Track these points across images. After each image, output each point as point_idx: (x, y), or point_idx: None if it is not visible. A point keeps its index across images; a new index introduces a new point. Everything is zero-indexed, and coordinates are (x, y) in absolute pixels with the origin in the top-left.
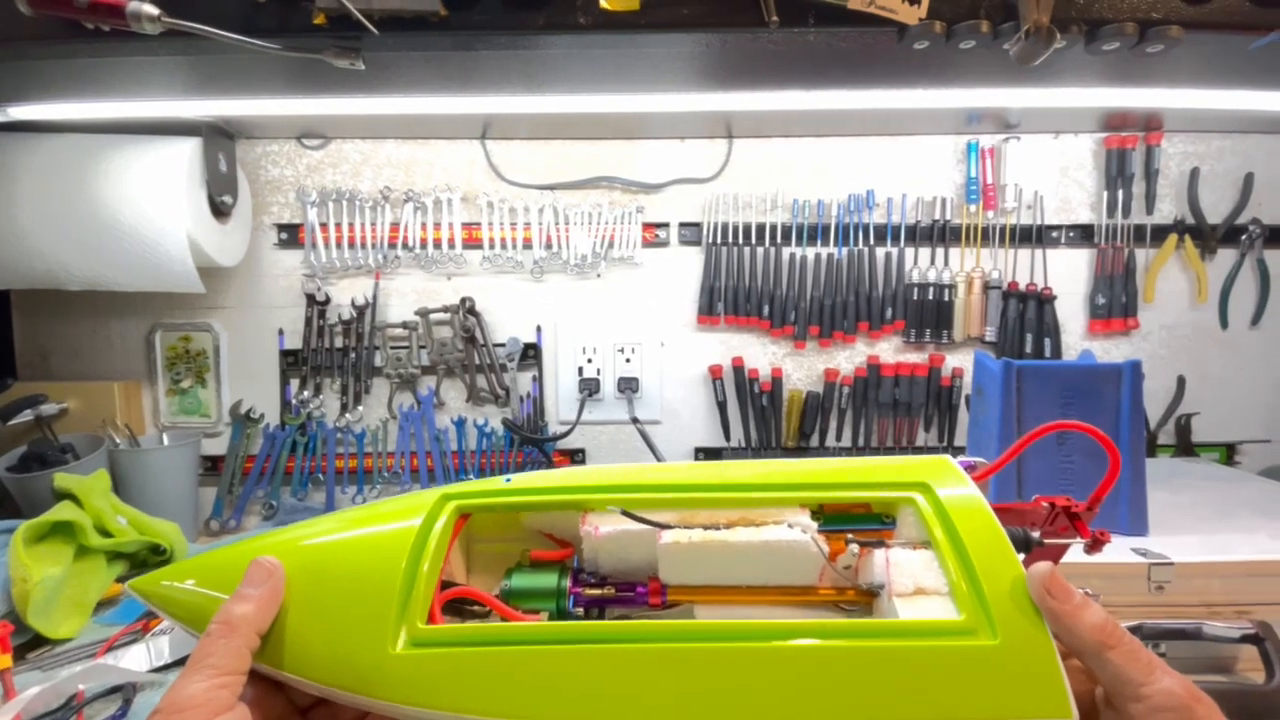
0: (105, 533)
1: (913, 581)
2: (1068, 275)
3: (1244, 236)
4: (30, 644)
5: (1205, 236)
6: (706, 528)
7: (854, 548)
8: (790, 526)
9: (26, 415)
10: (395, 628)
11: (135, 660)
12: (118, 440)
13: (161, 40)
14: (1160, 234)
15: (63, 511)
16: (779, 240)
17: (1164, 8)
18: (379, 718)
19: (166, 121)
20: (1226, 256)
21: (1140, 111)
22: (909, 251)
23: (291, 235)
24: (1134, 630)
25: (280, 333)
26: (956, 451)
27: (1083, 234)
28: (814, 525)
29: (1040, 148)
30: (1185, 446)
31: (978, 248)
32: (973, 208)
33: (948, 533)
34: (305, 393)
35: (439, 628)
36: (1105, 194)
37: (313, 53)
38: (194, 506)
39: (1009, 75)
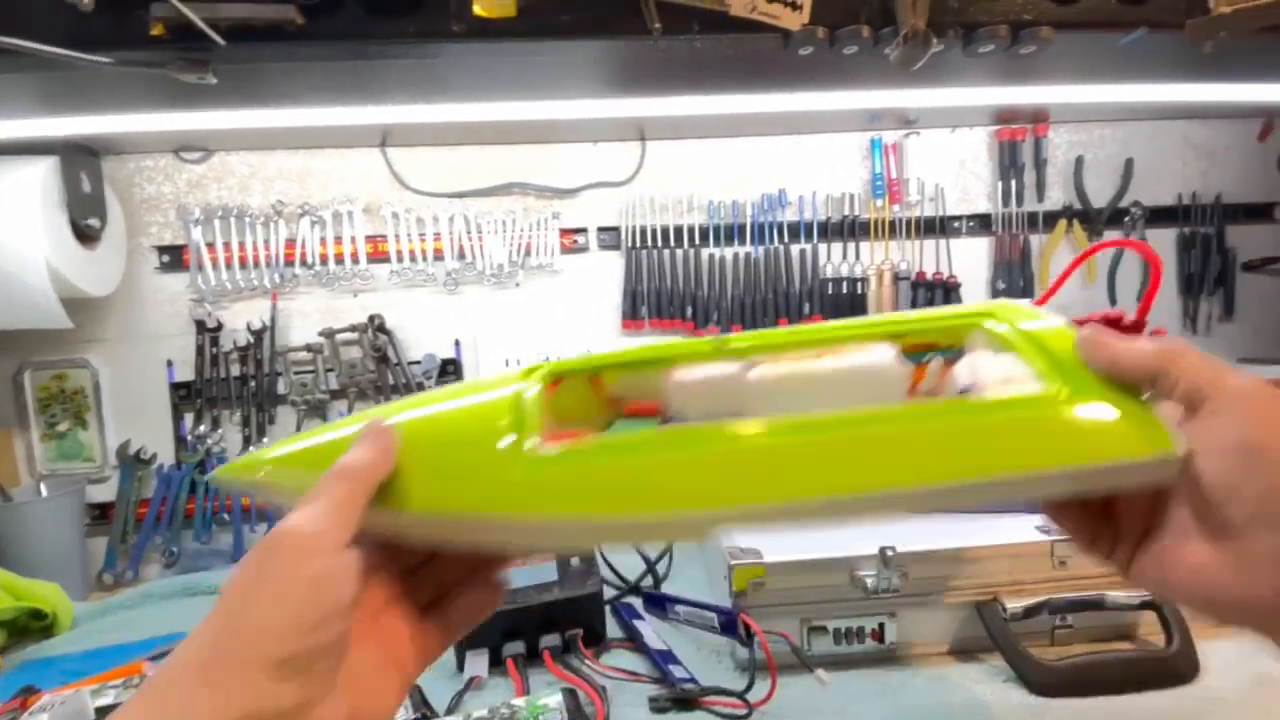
0: None
1: (1000, 376)
2: (970, 263)
3: (1126, 219)
4: None
5: (1091, 220)
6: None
7: (934, 364)
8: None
9: None
10: (516, 444)
11: None
12: None
13: None
14: (1051, 220)
15: None
16: (697, 241)
17: (1034, 9)
18: (488, 567)
19: (13, 141)
20: (1111, 238)
21: (1027, 106)
22: (822, 247)
23: (175, 257)
24: (1040, 606)
25: (169, 364)
26: None
27: (981, 223)
28: (895, 348)
29: (939, 142)
30: None
31: (886, 240)
32: (879, 202)
33: (1023, 337)
34: (202, 427)
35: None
36: (1000, 184)
37: (154, 67)
38: (82, 560)
39: (898, 77)
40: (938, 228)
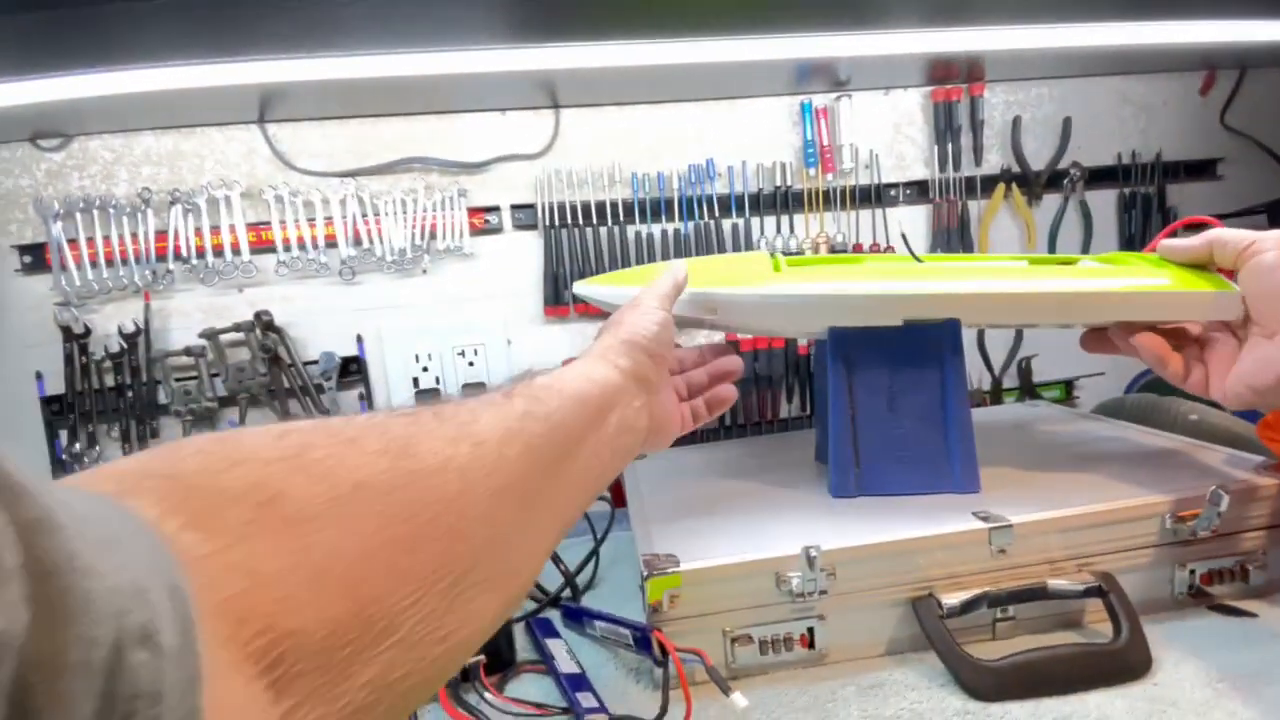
0: None
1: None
2: (908, 232)
3: (1066, 180)
4: None
5: (1030, 184)
6: None
7: None
8: None
9: None
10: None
11: None
12: None
13: None
14: (989, 184)
15: None
16: (622, 218)
17: None
18: (724, 377)
19: None
20: (1051, 201)
21: (962, 60)
22: (755, 221)
23: (36, 257)
24: (979, 599)
25: (39, 376)
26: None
27: (919, 190)
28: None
29: (872, 105)
30: (1028, 388)
31: (820, 212)
32: (812, 171)
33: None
34: (78, 444)
35: None
36: (936, 149)
37: None
38: None
39: (822, 21)
40: (874, 196)
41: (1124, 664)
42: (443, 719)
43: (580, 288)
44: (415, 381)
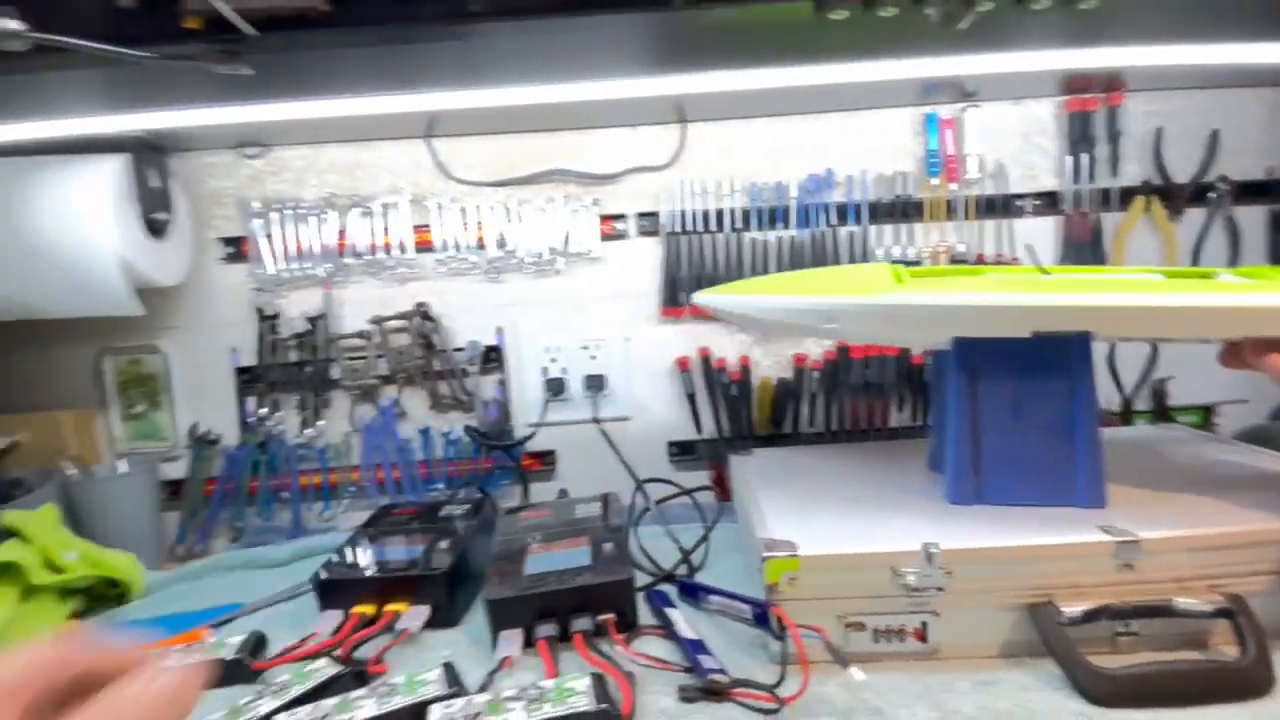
0: (55, 569)
1: None
2: (1036, 244)
3: (1211, 194)
4: None
5: (1173, 197)
6: None
7: None
8: None
9: None
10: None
11: None
12: (70, 471)
13: (34, 56)
14: (1127, 197)
15: (5, 552)
16: (739, 225)
17: None
18: None
19: (90, 139)
20: (1195, 216)
21: (1099, 72)
22: (872, 229)
23: (237, 249)
24: (1100, 610)
25: (234, 350)
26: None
27: (1049, 201)
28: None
29: (1001, 115)
30: (1161, 411)
31: (942, 221)
32: (935, 180)
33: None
34: (263, 410)
35: None
36: (1069, 159)
37: (189, 59)
38: (157, 533)
39: (951, 43)
40: (999, 207)
41: (1248, 682)
42: (580, 663)
43: (699, 297)
44: (544, 371)
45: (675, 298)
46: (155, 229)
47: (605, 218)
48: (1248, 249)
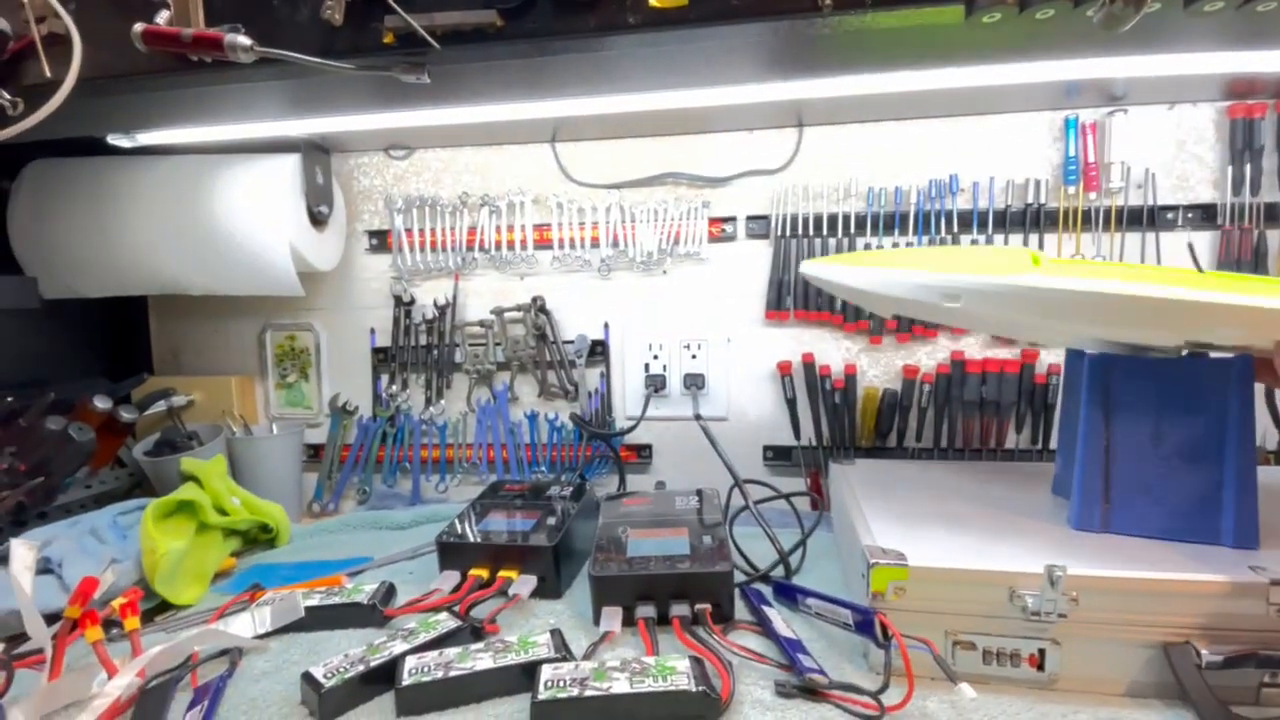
0: (222, 512)
1: None
2: (1185, 260)
3: None
4: (156, 609)
5: None
6: None
7: None
8: None
9: (160, 406)
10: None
11: (242, 627)
12: (234, 429)
13: (255, 68)
14: None
15: (186, 492)
16: (852, 231)
17: None
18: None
19: (268, 140)
20: None
21: (1268, 76)
22: (998, 238)
23: (381, 241)
24: (1246, 657)
25: (372, 331)
26: (1049, 455)
27: (1204, 214)
28: None
29: (1152, 120)
30: None
31: (1077, 233)
32: (1071, 189)
33: None
34: (394, 387)
35: None
36: (1230, 169)
37: (383, 70)
38: (298, 490)
39: (1102, 44)
40: (1146, 219)
41: None
42: (676, 645)
43: (808, 266)
44: (646, 367)
45: (781, 301)
46: (317, 220)
47: (714, 220)
48: None
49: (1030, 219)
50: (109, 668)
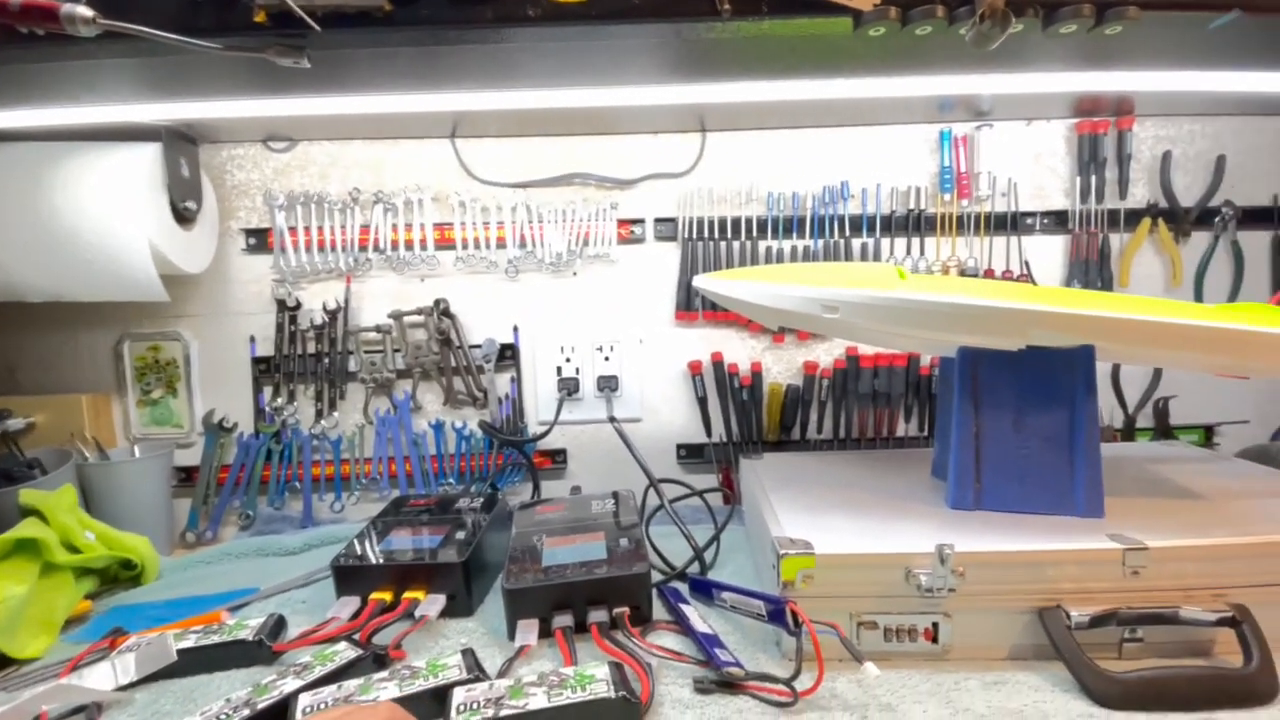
0: (73, 549)
1: None
2: (1044, 262)
3: (1217, 219)
4: None
5: (1179, 220)
6: None
7: None
8: None
9: None
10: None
11: (100, 679)
12: (86, 454)
13: (99, 43)
14: (1134, 218)
15: (26, 529)
16: (755, 234)
17: None
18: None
19: (124, 126)
20: (1200, 239)
21: (1110, 96)
22: (885, 242)
23: (260, 240)
24: (1108, 616)
25: (252, 339)
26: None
27: (1057, 220)
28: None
29: (1013, 135)
30: (1164, 429)
31: (953, 236)
32: (947, 196)
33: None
34: (279, 400)
35: None
36: (1078, 180)
37: (255, 51)
38: (168, 519)
39: (972, 62)
40: (1009, 224)
41: (1251, 690)
42: (595, 653)
43: (701, 280)
44: (558, 370)
45: (690, 302)
46: (183, 217)
47: (623, 221)
48: (1251, 272)
49: (912, 224)
50: None
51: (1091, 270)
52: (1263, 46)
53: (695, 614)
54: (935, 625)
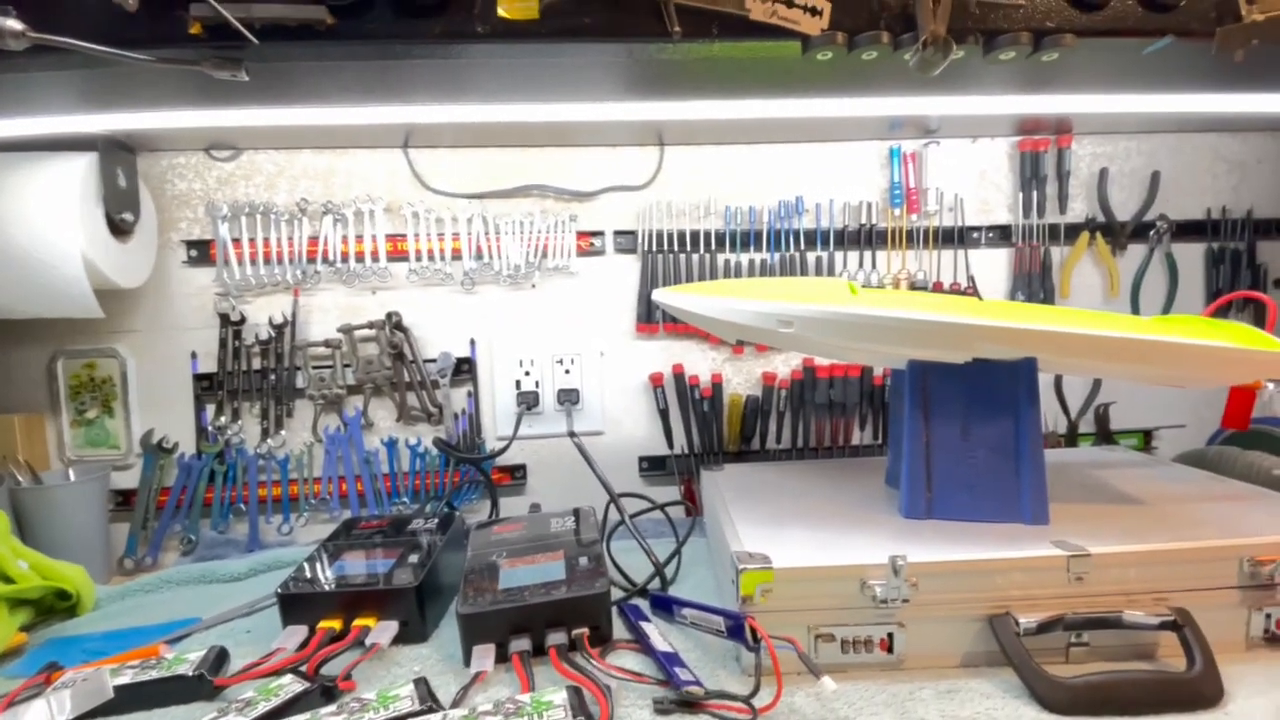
0: (5, 579)
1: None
2: (989, 274)
3: (1152, 232)
4: None
5: (1115, 233)
6: None
7: None
8: None
9: None
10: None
11: (36, 716)
12: (19, 478)
13: (31, 55)
14: (1073, 232)
15: None
16: (713, 247)
17: (1057, 16)
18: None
19: (57, 137)
20: (1136, 252)
21: (1050, 116)
22: (838, 255)
23: (202, 252)
24: (1055, 621)
25: (193, 356)
26: (885, 450)
27: (1001, 234)
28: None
29: (959, 152)
30: (1105, 434)
31: (903, 250)
32: (897, 211)
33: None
34: (222, 418)
35: None
36: (1021, 195)
37: (190, 64)
38: (105, 544)
39: (918, 84)
40: (956, 238)
41: (1196, 693)
42: (554, 677)
43: (660, 294)
44: (517, 384)
45: (651, 314)
46: (119, 229)
47: (583, 233)
48: (1185, 283)
49: (864, 238)
50: None
51: (1034, 282)
52: (1194, 69)
53: (656, 632)
54: (890, 636)
